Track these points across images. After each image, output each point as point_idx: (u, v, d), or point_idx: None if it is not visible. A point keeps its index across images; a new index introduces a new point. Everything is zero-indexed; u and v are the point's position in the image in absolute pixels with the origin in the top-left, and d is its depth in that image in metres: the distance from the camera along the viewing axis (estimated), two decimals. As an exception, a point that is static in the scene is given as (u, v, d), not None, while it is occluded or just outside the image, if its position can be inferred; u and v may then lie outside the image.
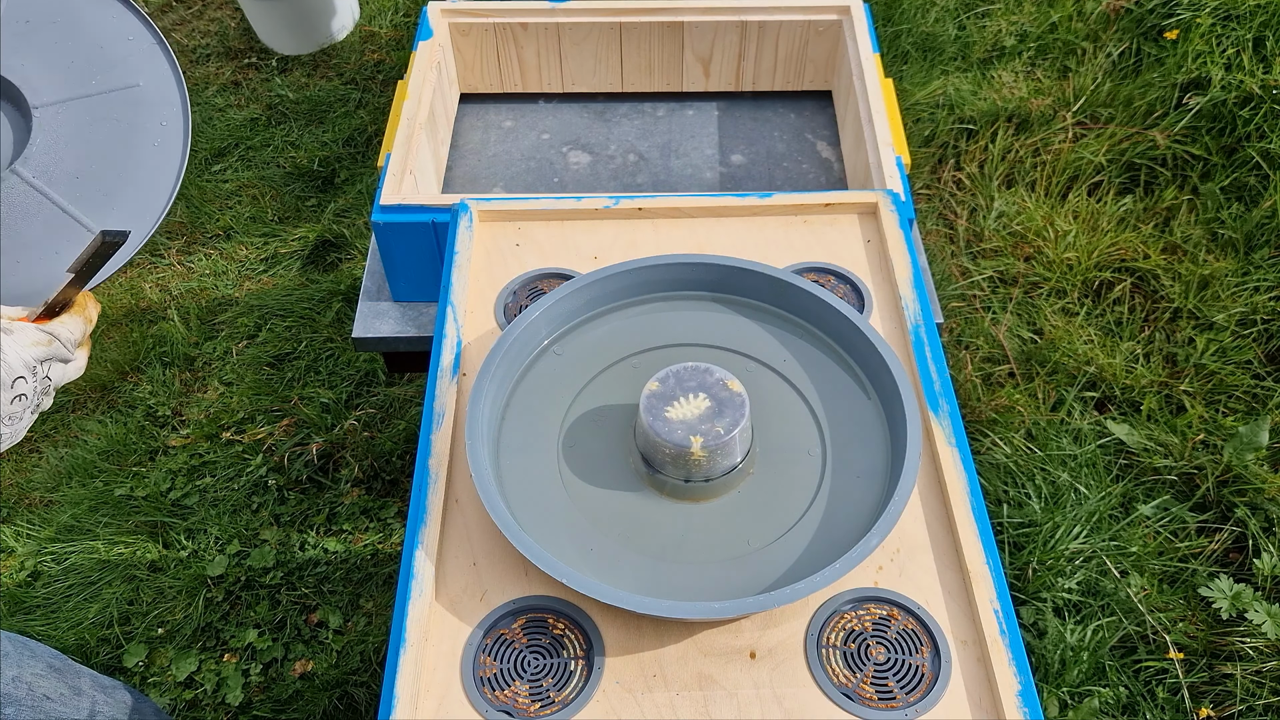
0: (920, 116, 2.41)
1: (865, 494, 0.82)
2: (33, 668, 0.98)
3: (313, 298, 2.13)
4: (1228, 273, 2.00)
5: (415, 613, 0.75)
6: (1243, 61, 2.21)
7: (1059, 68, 2.49)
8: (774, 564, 0.78)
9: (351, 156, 2.46)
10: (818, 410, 0.87)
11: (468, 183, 1.47)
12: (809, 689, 0.73)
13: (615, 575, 0.77)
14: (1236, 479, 1.71)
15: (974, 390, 1.89)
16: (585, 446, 0.85)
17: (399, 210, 1.23)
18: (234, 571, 1.71)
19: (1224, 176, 2.13)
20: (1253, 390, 1.85)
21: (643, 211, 1.04)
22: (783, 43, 1.51)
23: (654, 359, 0.91)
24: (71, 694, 1.02)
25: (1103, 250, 2.07)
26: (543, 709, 0.71)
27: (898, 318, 0.96)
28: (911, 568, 0.79)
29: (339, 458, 1.86)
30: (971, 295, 2.06)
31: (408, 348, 1.33)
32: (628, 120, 1.57)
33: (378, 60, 2.72)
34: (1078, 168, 2.24)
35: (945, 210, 2.24)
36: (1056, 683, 1.51)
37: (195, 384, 2.02)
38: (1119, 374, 1.88)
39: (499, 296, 0.98)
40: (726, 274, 0.94)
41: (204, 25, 2.88)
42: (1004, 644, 0.73)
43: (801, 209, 1.05)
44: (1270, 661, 1.50)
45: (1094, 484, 1.73)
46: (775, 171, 1.49)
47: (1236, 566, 1.65)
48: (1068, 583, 1.60)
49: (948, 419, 0.86)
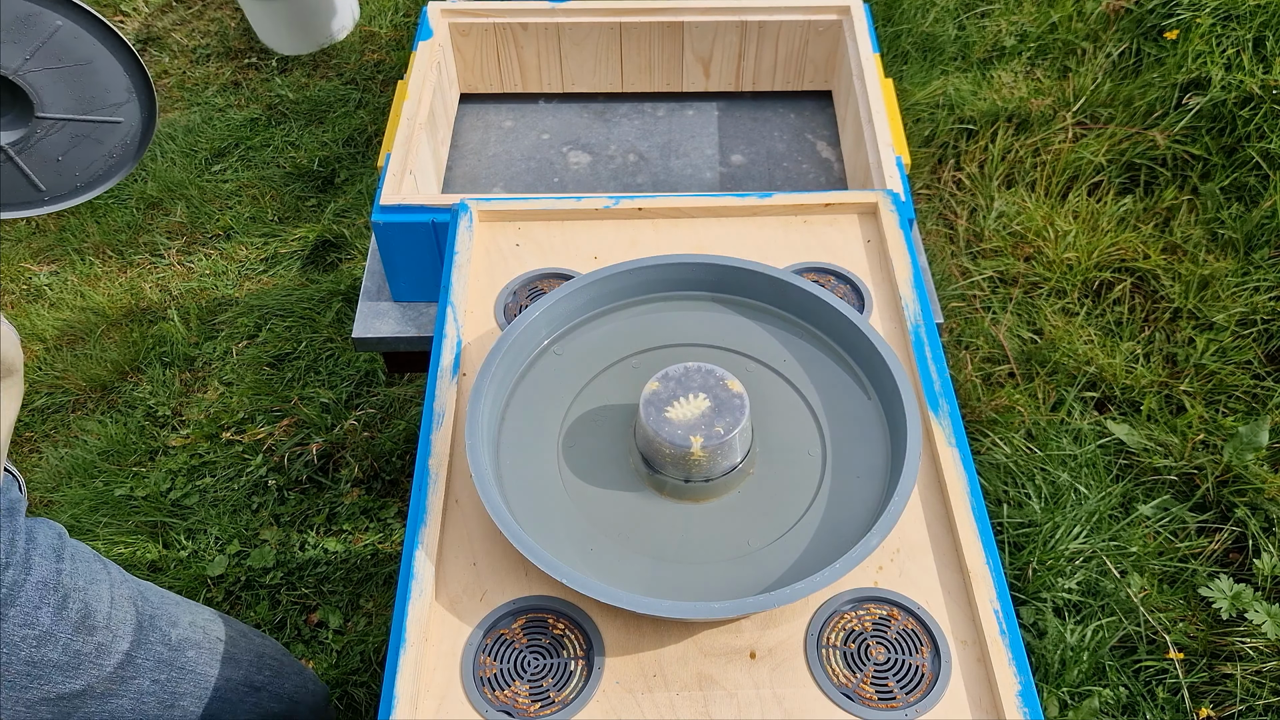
0: (920, 116, 2.41)
1: (865, 494, 0.82)
2: (202, 613, 1.04)
3: (313, 298, 2.13)
4: (1228, 273, 2.00)
5: (415, 613, 0.75)
6: (1243, 61, 2.21)
7: (1059, 68, 2.50)
8: (774, 564, 0.78)
9: (351, 156, 2.46)
10: (818, 410, 0.87)
11: (468, 183, 1.47)
12: (809, 689, 0.73)
13: (615, 575, 0.77)
14: (1236, 479, 1.71)
15: (974, 390, 1.89)
16: (585, 446, 0.85)
17: (399, 210, 1.23)
18: (234, 572, 1.71)
19: (1224, 176, 2.13)
20: (1253, 390, 1.85)
21: (643, 211, 1.04)
22: (783, 43, 1.51)
23: (654, 359, 0.91)
24: (239, 636, 1.08)
25: (1103, 250, 2.07)
26: (543, 709, 0.71)
27: (898, 318, 0.96)
28: (911, 568, 0.79)
29: (339, 458, 1.86)
30: (971, 295, 2.06)
31: (408, 348, 1.33)
32: (628, 120, 1.57)
33: (378, 60, 2.72)
34: (1078, 168, 2.24)
35: (945, 210, 2.24)
36: (1056, 683, 1.51)
37: (195, 384, 2.02)
38: (1119, 374, 1.88)
39: (499, 296, 0.98)
40: (726, 274, 0.94)
41: (204, 25, 2.88)
42: (1004, 644, 0.73)
43: (801, 209, 1.05)
44: (1270, 661, 1.50)
45: (1094, 484, 1.73)
46: (775, 171, 1.49)
47: (1236, 566, 1.65)
48: (1068, 583, 1.60)
49: (948, 419, 0.86)
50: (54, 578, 0.86)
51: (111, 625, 0.91)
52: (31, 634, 0.84)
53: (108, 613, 0.90)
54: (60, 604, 0.86)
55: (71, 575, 0.88)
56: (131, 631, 0.93)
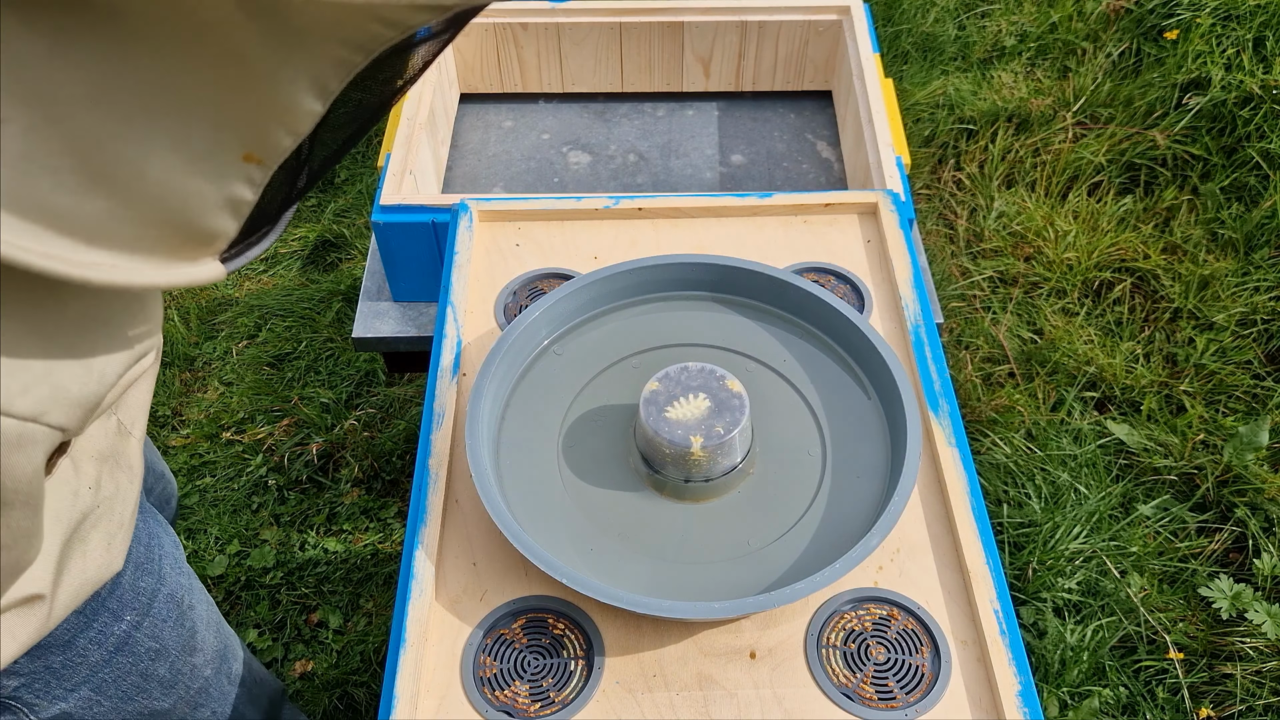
0: (920, 116, 2.41)
1: (865, 494, 0.82)
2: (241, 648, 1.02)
3: (313, 298, 2.13)
4: (1228, 273, 2.00)
5: (415, 613, 0.75)
6: (1243, 61, 2.21)
7: (1059, 68, 2.50)
8: (774, 564, 0.78)
9: (351, 156, 2.46)
10: (818, 410, 0.87)
11: (468, 183, 1.47)
12: (809, 689, 0.73)
13: (615, 575, 0.77)
14: (1236, 479, 1.71)
15: (974, 390, 1.89)
16: (585, 446, 0.85)
17: (399, 210, 1.23)
18: (234, 571, 1.71)
19: (1224, 176, 2.13)
20: (1253, 390, 1.85)
21: (643, 211, 1.04)
22: (783, 43, 1.51)
23: (654, 359, 0.91)
24: (266, 679, 1.07)
25: (1103, 250, 2.07)
26: (543, 709, 0.71)
27: (898, 318, 0.96)
28: (911, 568, 0.79)
29: (339, 458, 1.86)
30: (971, 295, 2.06)
31: (408, 348, 1.33)
32: (628, 120, 1.57)
33: (378, 60, 2.72)
34: (1078, 168, 2.24)
35: (945, 210, 2.24)
36: (1056, 683, 1.51)
37: (195, 384, 2.02)
38: (1119, 374, 1.88)
39: (499, 296, 0.98)
40: (726, 274, 0.94)
41: (204, 25, 2.88)
42: (1004, 644, 0.73)
43: (801, 209, 1.05)
44: (1270, 661, 1.50)
45: (1094, 484, 1.73)
46: (775, 171, 1.49)
47: (1236, 566, 1.65)
48: (1068, 583, 1.60)
49: (948, 419, 0.86)
50: (178, 592, 0.83)
51: (204, 649, 0.88)
52: (153, 647, 0.81)
53: (203, 636, 0.88)
54: (178, 620, 0.83)
55: (189, 592, 0.85)
56: (215, 659, 0.91)
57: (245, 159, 0.45)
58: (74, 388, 0.51)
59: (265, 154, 0.45)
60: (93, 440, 0.68)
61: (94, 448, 0.68)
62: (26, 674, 0.72)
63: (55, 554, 0.64)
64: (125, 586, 0.77)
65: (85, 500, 0.67)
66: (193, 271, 0.48)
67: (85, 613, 0.73)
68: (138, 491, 0.75)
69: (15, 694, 0.72)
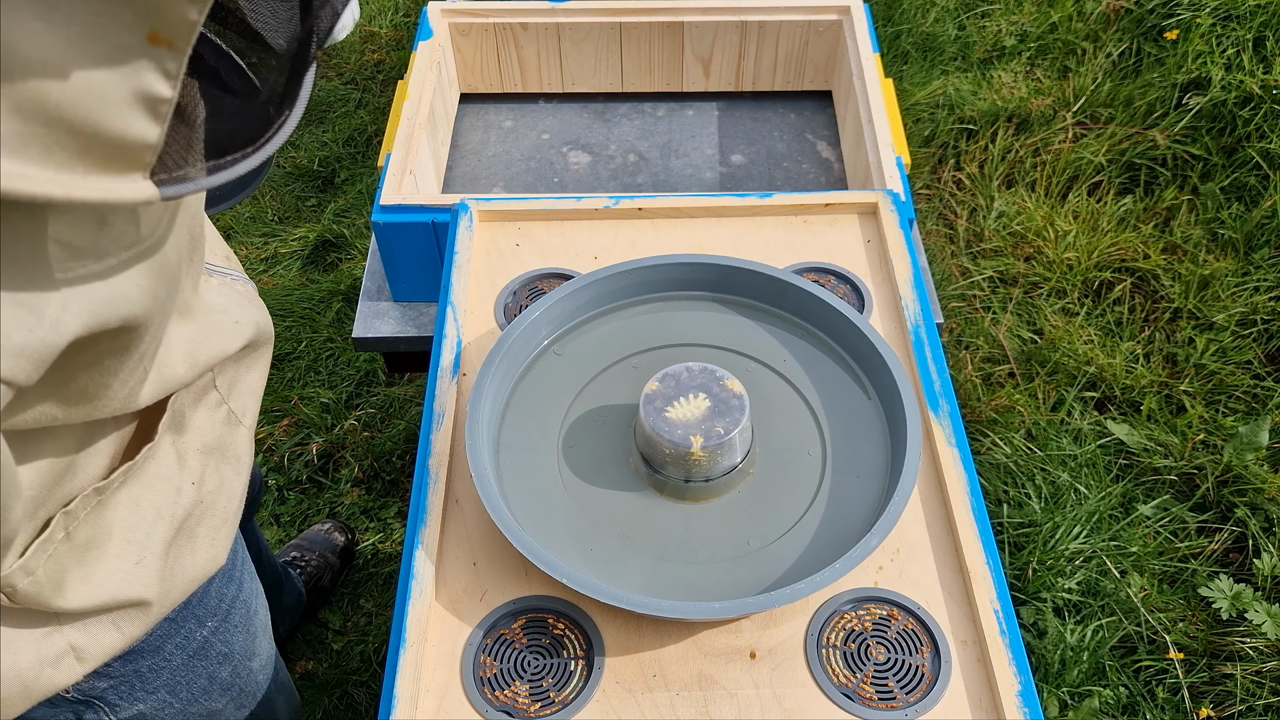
0: (920, 116, 2.41)
1: (865, 494, 0.82)
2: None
3: (313, 298, 2.13)
4: (1228, 273, 2.00)
5: (415, 613, 0.75)
6: (1243, 61, 2.21)
7: (1059, 68, 2.49)
8: (774, 564, 0.78)
9: (351, 156, 2.46)
10: (818, 410, 0.87)
11: (468, 183, 1.47)
12: (809, 689, 0.73)
13: (615, 575, 0.77)
14: (1236, 479, 1.71)
15: (974, 390, 1.89)
16: (585, 446, 0.85)
17: (399, 210, 1.23)
18: (234, 571, 1.71)
19: (1224, 176, 2.13)
20: (1253, 390, 1.85)
21: (643, 211, 1.04)
22: (783, 43, 1.51)
23: (654, 359, 0.91)
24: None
25: (1103, 250, 2.07)
26: (543, 709, 0.71)
27: (898, 318, 0.96)
28: (911, 568, 0.79)
29: (339, 458, 1.86)
30: (971, 295, 2.06)
31: (408, 348, 1.33)
32: (628, 120, 1.57)
33: (378, 60, 2.72)
34: (1078, 168, 2.24)
35: (945, 210, 2.24)
36: (1056, 683, 1.51)
37: (195, 384, 2.02)
38: (1119, 374, 1.88)
39: (499, 296, 0.98)
40: (726, 274, 0.94)
41: (204, 25, 2.88)
42: (1004, 644, 0.73)
43: (801, 209, 1.05)
44: (1270, 661, 1.50)
45: (1094, 484, 1.73)
46: (775, 171, 1.48)
47: (1236, 566, 1.65)
48: (1068, 583, 1.60)
49: (948, 419, 0.86)
50: (251, 600, 0.82)
51: (261, 654, 0.88)
52: (224, 652, 0.81)
53: (260, 641, 0.87)
54: (246, 625, 0.83)
55: (255, 596, 0.83)
56: (268, 664, 0.90)
57: (151, 39, 0.37)
58: (16, 335, 0.43)
59: (171, 31, 0.37)
60: (201, 432, 0.65)
61: (202, 440, 0.65)
62: (117, 676, 0.71)
63: (159, 552, 0.62)
64: (212, 594, 0.76)
65: (188, 496, 0.64)
66: (113, 187, 0.39)
67: (175, 618, 0.72)
68: (244, 484, 0.72)
69: (102, 695, 0.72)
